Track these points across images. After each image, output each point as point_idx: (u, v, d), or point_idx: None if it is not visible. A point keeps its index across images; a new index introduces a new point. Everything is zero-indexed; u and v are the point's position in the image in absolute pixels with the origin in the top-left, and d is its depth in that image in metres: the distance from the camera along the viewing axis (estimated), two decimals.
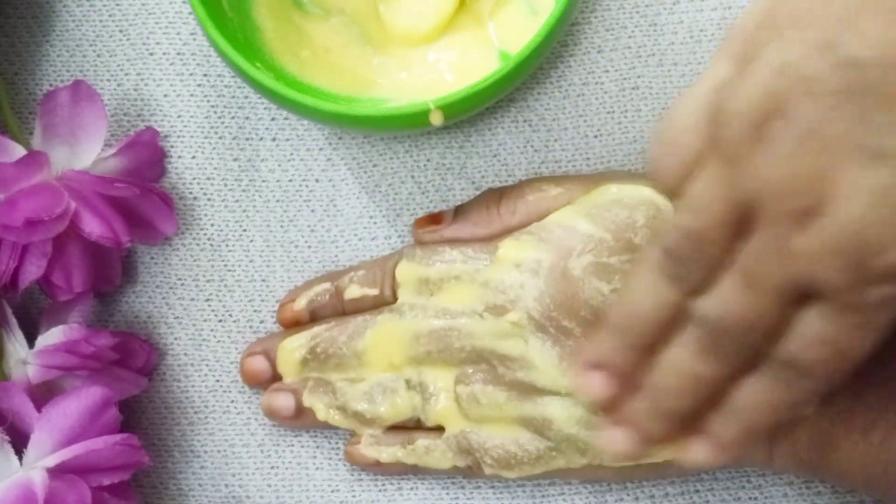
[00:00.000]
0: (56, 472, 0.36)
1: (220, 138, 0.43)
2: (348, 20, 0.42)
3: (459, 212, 0.41)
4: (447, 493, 0.41)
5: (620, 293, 0.33)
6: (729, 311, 0.29)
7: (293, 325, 0.41)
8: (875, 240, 0.26)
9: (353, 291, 0.40)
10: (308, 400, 0.40)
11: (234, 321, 0.43)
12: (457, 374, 0.38)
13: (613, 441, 0.33)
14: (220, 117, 0.43)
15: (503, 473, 0.38)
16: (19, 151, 0.39)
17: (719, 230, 0.28)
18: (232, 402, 0.42)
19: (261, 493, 0.42)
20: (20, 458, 0.36)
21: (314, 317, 0.41)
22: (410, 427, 0.39)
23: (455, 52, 0.41)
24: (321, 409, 0.40)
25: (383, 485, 0.42)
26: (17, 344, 0.39)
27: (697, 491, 0.41)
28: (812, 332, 0.28)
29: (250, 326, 0.43)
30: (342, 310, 0.41)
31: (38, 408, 0.37)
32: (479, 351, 0.38)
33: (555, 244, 0.38)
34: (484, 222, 0.40)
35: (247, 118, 0.43)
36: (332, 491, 0.42)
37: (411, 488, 0.41)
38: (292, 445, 0.42)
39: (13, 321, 0.39)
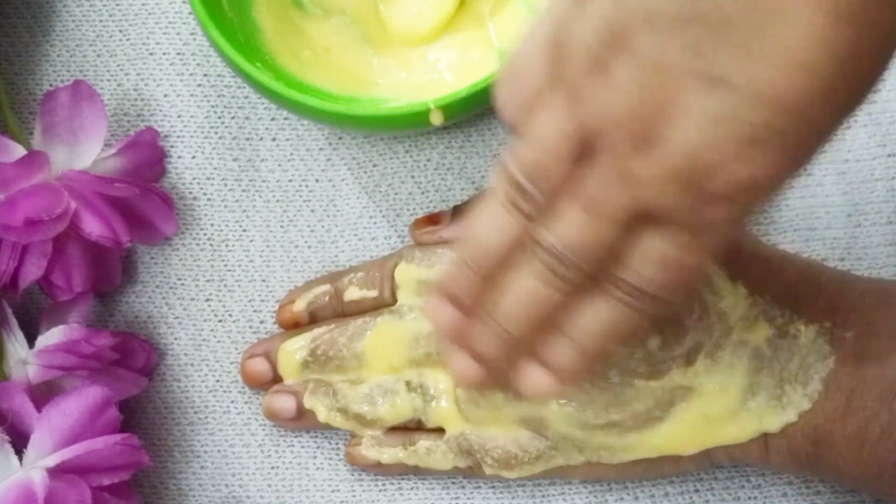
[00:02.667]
0: (56, 472, 0.36)
1: (220, 138, 0.43)
2: (348, 20, 0.42)
3: (458, 212, 0.41)
4: (447, 493, 0.41)
5: (467, 224, 0.34)
6: (570, 237, 0.29)
7: (293, 326, 0.41)
8: (708, 162, 0.27)
9: (352, 293, 0.40)
10: (309, 402, 0.40)
11: (234, 321, 0.43)
12: None
13: (458, 364, 0.34)
14: (220, 117, 0.43)
15: (503, 473, 0.38)
16: (19, 151, 0.39)
17: (560, 161, 0.29)
18: (232, 402, 0.42)
19: (261, 494, 0.42)
20: (20, 458, 0.36)
21: (314, 318, 0.41)
22: (411, 428, 0.40)
23: (455, 52, 0.41)
24: (322, 411, 0.40)
25: (384, 484, 0.42)
26: (17, 344, 0.39)
27: (697, 490, 0.41)
28: (652, 254, 0.29)
29: (250, 326, 0.43)
30: (342, 311, 0.41)
31: (38, 408, 0.37)
32: None
33: None
34: None
35: (247, 118, 0.43)
36: (333, 491, 0.42)
37: (412, 488, 0.41)
38: (292, 446, 0.42)
39: (13, 321, 0.39)
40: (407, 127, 0.39)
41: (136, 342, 0.41)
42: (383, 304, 0.40)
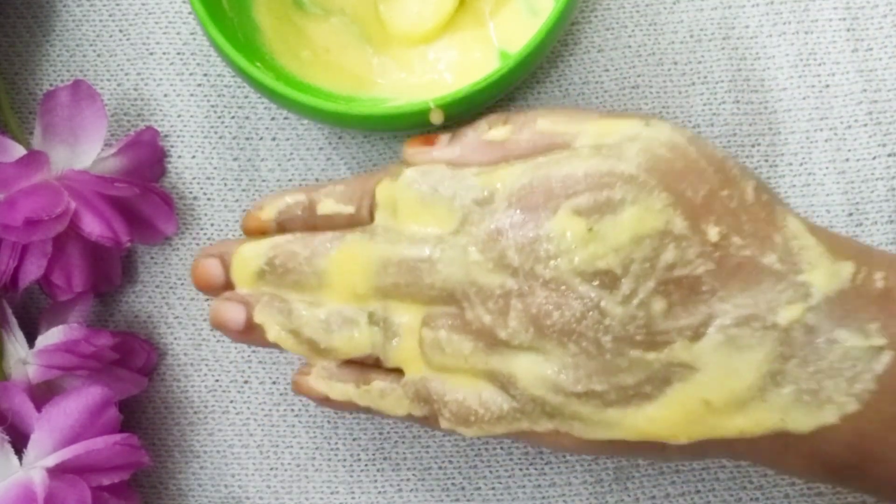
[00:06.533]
0: (56, 472, 0.36)
1: (220, 138, 0.43)
2: (348, 20, 0.42)
3: (457, 134, 0.36)
4: (447, 495, 0.41)
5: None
6: None
7: (258, 235, 0.37)
8: None
9: (326, 206, 0.36)
10: (259, 316, 0.35)
11: None
12: (424, 315, 0.34)
13: None
14: (220, 117, 0.43)
15: (460, 429, 0.34)
16: (19, 151, 0.39)
17: None
18: (231, 402, 0.42)
19: (260, 495, 0.42)
20: (20, 458, 0.36)
21: (282, 229, 0.36)
22: (368, 364, 0.35)
23: (455, 51, 0.41)
24: (273, 328, 0.35)
25: (382, 486, 0.42)
26: (17, 344, 0.39)
27: (699, 491, 0.41)
28: None
29: None
30: (313, 225, 0.36)
31: (38, 408, 0.37)
32: (451, 289, 0.33)
33: (551, 179, 0.33)
34: (483, 148, 0.35)
35: (247, 118, 0.43)
36: (332, 493, 0.42)
37: (411, 489, 0.41)
38: (291, 447, 0.42)
39: (13, 321, 0.39)
40: (407, 127, 0.39)
41: (136, 342, 0.41)
42: (359, 222, 0.36)
